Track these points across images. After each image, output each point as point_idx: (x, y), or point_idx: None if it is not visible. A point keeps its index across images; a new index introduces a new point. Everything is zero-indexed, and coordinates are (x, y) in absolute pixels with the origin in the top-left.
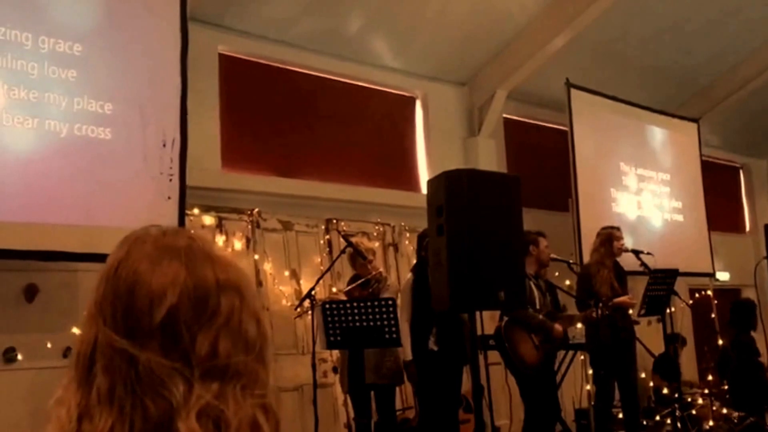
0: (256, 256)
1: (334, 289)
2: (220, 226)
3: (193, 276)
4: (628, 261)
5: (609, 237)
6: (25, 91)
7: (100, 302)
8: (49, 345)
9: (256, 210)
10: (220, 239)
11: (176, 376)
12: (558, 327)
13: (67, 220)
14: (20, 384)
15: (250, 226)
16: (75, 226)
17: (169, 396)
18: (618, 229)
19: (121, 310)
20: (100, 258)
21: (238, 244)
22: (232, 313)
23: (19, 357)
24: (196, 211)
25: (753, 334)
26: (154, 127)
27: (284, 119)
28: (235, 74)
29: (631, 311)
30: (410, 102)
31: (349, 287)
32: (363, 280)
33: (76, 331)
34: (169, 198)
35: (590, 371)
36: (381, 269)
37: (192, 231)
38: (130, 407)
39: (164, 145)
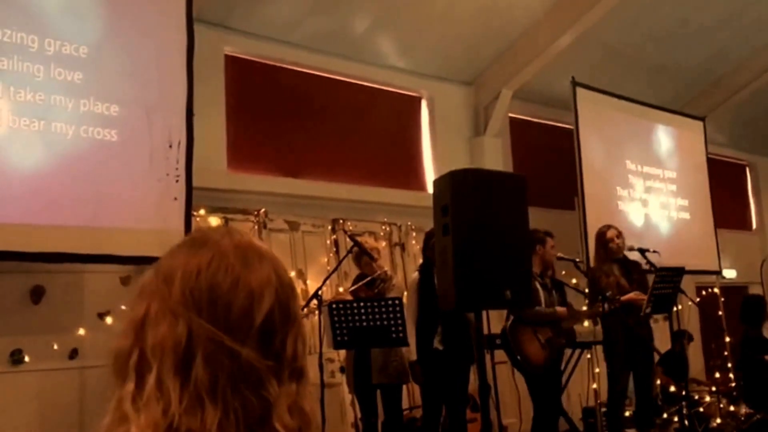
0: None
1: (340, 289)
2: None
3: (279, 279)
4: (633, 258)
5: (601, 236)
6: (32, 94)
7: (189, 295)
8: (55, 346)
9: (263, 210)
10: None
11: (271, 374)
12: (560, 308)
13: (73, 221)
14: (27, 385)
15: (256, 227)
16: (81, 227)
17: (266, 393)
18: (610, 227)
19: (220, 307)
20: (106, 259)
21: None
22: (299, 317)
23: (26, 359)
24: (202, 211)
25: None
26: (161, 128)
27: (290, 119)
28: (241, 75)
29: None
30: (416, 102)
31: (355, 286)
32: (368, 279)
33: (82, 332)
34: (175, 199)
35: (597, 370)
36: (387, 268)
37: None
38: (234, 402)
39: (170, 146)
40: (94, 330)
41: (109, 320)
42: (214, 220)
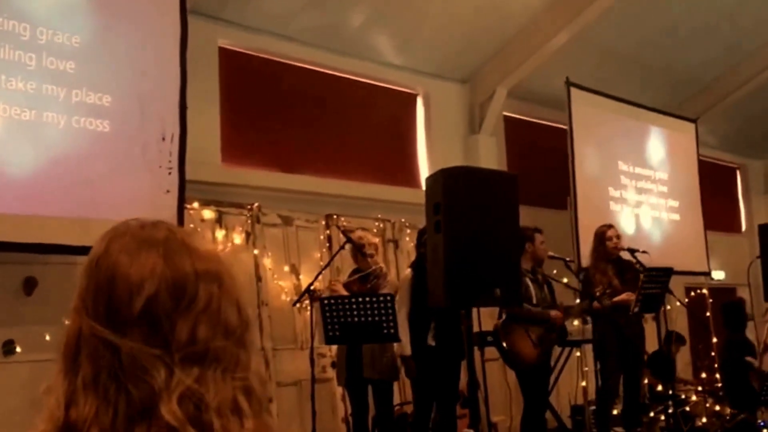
0: (256, 251)
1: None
2: (219, 221)
3: (171, 266)
4: (625, 258)
5: (601, 236)
6: (23, 82)
7: (82, 294)
8: (47, 337)
9: (256, 204)
10: (219, 233)
11: (157, 362)
12: (555, 312)
13: (65, 212)
14: (19, 376)
15: (250, 221)
16: (74, 218)
17: (151, 381)
18: (610, 227)
19: (102, 302)
20: None
21: (238, 239)
22: (211, 301)
23: (18, 349)
24: (195, 204)
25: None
26: (154, 120)
27: (285, 114)
28: (236, 68)
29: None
30: (412, 99)
31: (349, 279)
32: (362, 274)
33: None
34: (168, 191)
35: (586, 368)
36: (381, 264)
37: (171, 223)
38: (114, 393)
39: (163, 139)
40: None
41: None
42: (207, 213)
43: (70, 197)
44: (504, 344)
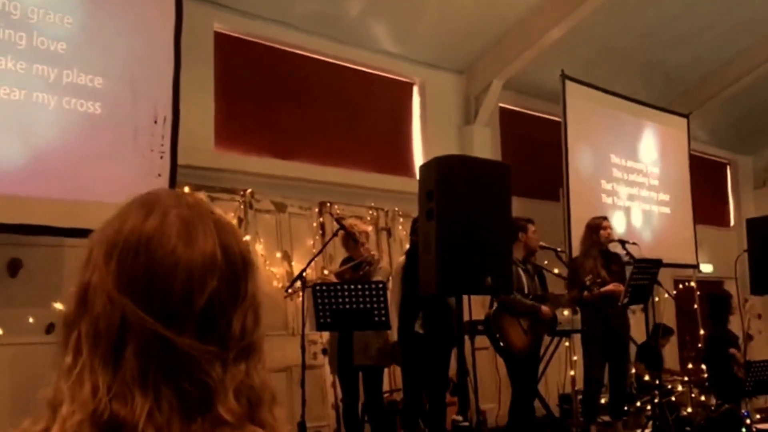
0: (248, 237)
1: (325, 272)
2: None
3: (226, 256)
4: (613, 250)
5: (595, 227)
6: (13, 62)
7: (125, 278)
8: (31, 320)
9: (249, 191)
10: None
11: (213, 359)
12: (546, 308)
13: (53, 194)
14: (1, 359)
15: (242, 207)
16: (61, 200)
17: (207, 379)
18: (605, 218)
19: (157, 293)
20: (86, 234)
21: None
22: (255, 291)
23: (1, 332)
24: (187, 189)
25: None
26: (146, 103)
27: (280, 100)
28: (231, 53)
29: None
30: (408, 88)
31: (341, 269)
32: (355, 262)
33: (59, 306)
34: (159, 175)
35: (575, 358)
36: (374, 252)
37: (202, 198)
38: (167, 390)
39: (155, 122)
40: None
41: None
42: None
43: (59, 179)
44: (495, 333)
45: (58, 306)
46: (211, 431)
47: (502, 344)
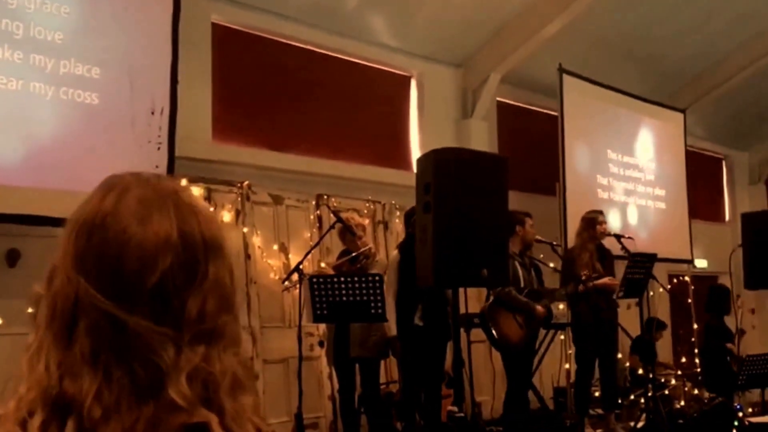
0: (245, 229)
1: (322, 264)
2: (209, 198)
3: (183, 236)
4: (609, 245)
5: (591, 221)
6: (9, 51)
7: (80, 257)
8: (30, 310)
9: (246, 183)
10: None
11: (166, 341)
12: (540, 308)
13: (50, 184)
14: (0, 350)
15: (239, 199)
16: (59, 191)
17: (159, 361)
18: (601, 213)
19: (108, 271)
20: None
21: (227, 217)
22: (218, 273)
23: (0, 321)
24: (184, 181)
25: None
26: (143, 94)
27: (278, 92)
28: (229, 45)
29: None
30: (405, 81)
31: (338, 262)
32: (352, 255)
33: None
34: (156, 167)
35: (570, 351)
36: (370, 245)
37: (171, 178)
38: (117, 371)
39: (153, 113)
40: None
41: None
42: (197, 191)
43: (56, 169)
44: (491, 326)
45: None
46: (161, 414)
47: (497, 337)
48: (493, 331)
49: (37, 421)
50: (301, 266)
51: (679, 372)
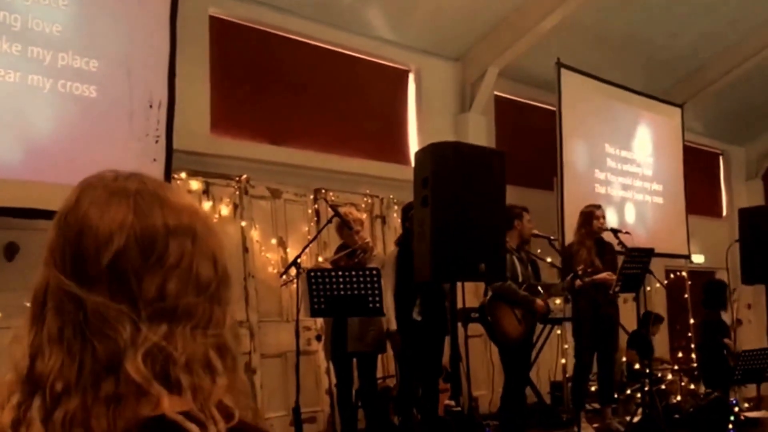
0: (244, 223)
1: (320, 259)
2: (207, 192)
3: (141, 220)
4: (609, 239)
5: (589, 216)
6: (7, 44)
7: (51, 247)
8: (28, 304)
9: (245, 176)
10: (206, 204)
11: (123, 318)
12: (540, 302)
13: (49, 177)
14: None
15: (237, 193)
16: (57, 184)
17: (116, 337)
18: (599, 207)
19: (69, 254)
20: None
21: (225, 210)
22: (183, 256)
23: None
24: (183, 175)
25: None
26: (141, 87)
27: (276, 86)
28: (226, 38)
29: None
30: (403, 75)
31: (336, 256)
32: (349, 250)
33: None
34: (154, 160)
35: (566, 346)
36: (368, 239)
37: (147, 175)
38: (79, 347)
39: (151, 107)
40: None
41: None
42: (195, 184)
43: (54, 162)
44: (490, 321)
45: None
46: (118, 390)
47: (495, 332)
48: (492, 326)
49: (14, 401)
50: (299, 260)
51: (676, 367)
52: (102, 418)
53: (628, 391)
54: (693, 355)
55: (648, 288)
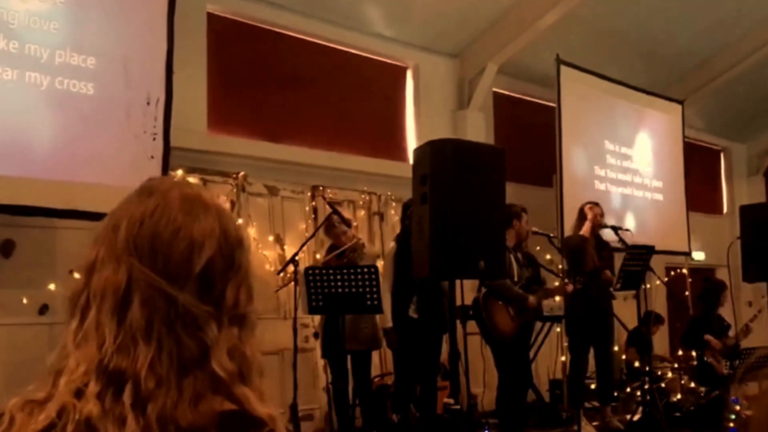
0: (241, 220)
1: (318, 256)
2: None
3: (224, 231)
4: (606, 237)
5: (590, 212)
6: (5, 41)
7: (132, 243)
8: (24, 301)
9: (242, 174)
10: None
11: (210, 318)
12: (531, 298)
13: (46, 174)
14: None
15: (235, 190)
16: (54, 181)
17: (204, 336)
18: (597, 204)
19: (161, 254)
20: (78, 215)
21: None
22: (248, 268)
23: None
24: (180, 172)
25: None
26: (138, 84)
27: (273, 83)
28: (224, 35)
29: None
30: (401, 72)
31: (326, 258)
32: (339, 250)
33: (52, 287)
34: (152, 157)
35: (565, 344)
36: (358, 238)
37: (202, 186)
38: (169, 342)
39: (148, 103)
40: (65, 286)
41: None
42: (192, 181)
43: (52, 159)
44: (483, 316)
45: (52, 287)
46: (203, 385)
47: (488, 327)
48: (484, 321)
49: (93, 390)
50: (296, 258)
51: (676, 365)
52: (188, 411)
53: (628, 389)
54: (693, 353)
55: (648, 285)
